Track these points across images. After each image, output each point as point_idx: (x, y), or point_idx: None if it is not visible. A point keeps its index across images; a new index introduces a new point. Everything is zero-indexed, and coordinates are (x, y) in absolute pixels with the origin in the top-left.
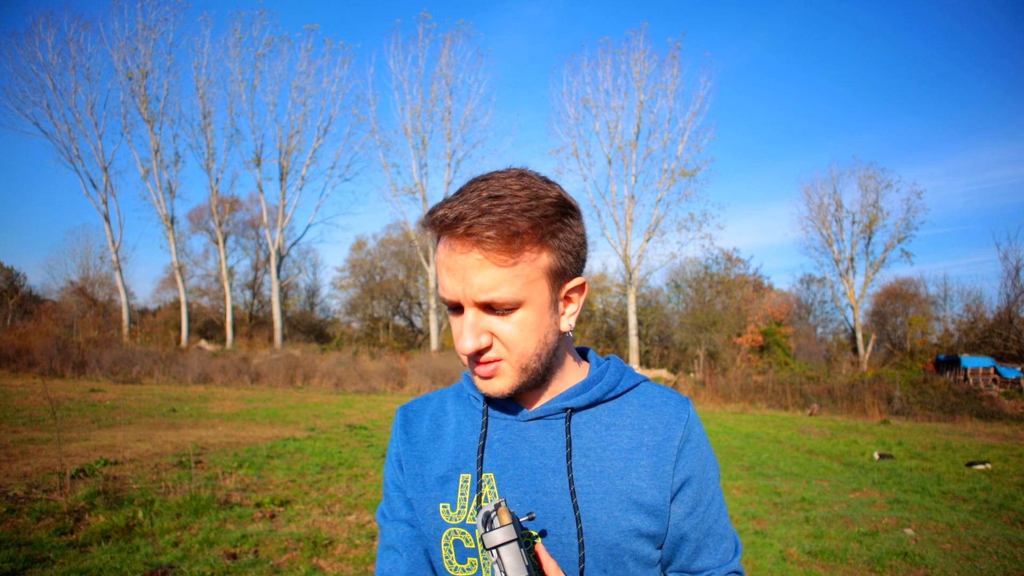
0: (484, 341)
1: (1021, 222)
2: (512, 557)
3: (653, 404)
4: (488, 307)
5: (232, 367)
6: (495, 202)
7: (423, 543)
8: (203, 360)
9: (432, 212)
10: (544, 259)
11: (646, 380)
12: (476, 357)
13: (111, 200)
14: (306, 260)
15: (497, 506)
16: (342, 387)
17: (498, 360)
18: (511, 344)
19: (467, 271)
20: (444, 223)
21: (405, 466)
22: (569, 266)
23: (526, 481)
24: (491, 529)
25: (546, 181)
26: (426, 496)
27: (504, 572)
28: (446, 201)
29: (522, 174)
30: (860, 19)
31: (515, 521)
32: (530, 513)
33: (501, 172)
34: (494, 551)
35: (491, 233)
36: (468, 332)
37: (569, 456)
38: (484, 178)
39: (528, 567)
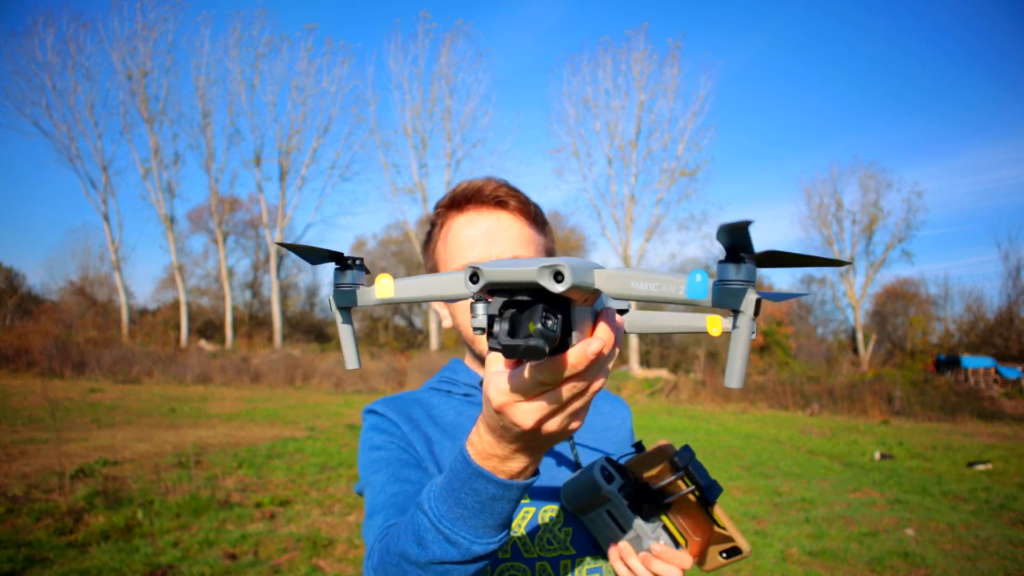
0: None
1: (1021, 222)
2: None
3: (602, 395)
4: None
5: (232, 367)
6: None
7: None
8: (203, 360)
9: (451, 193)
10: (547, 243)
11: None
12: None
13: (111, 200)
14: None
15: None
16: (342, 387)
17: None
18: None
19: (499, 226)
20: (468, 193)
21: (435, 444)
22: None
23: None
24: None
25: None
26: None
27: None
28: (455, 187)
29: (505, 182)
30: (860, 20)
31: None
32: None
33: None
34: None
35: (516, 196)
36: None
37: None
38: (473, 180)
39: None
